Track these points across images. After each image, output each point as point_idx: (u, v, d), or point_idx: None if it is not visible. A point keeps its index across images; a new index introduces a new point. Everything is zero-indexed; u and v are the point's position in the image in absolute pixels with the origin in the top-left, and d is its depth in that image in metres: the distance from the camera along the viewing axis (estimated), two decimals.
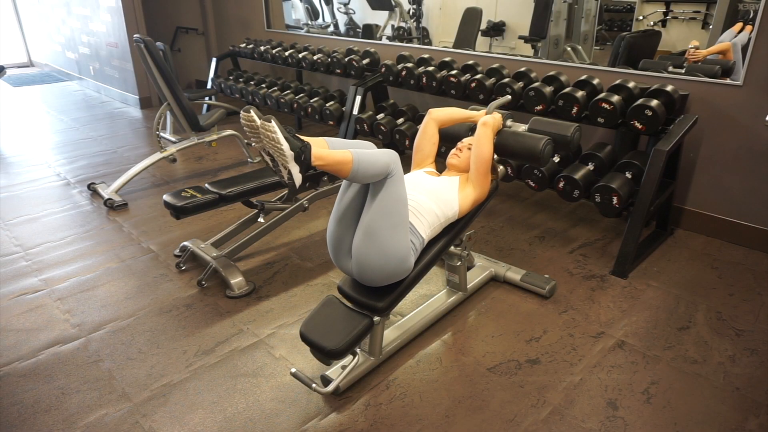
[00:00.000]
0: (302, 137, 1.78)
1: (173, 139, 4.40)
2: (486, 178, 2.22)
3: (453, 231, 2.19)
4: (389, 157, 1.84)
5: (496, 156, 2.40)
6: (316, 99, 4.78)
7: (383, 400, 2.00)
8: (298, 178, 1.75)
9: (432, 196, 2.11)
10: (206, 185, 2.81)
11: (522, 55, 4.24)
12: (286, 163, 1.72)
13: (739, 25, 3.08)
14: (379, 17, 5.54)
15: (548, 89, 3.29)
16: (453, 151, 2.36)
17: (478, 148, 2.20)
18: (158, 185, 4.12)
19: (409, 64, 4.14)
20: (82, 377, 2.14)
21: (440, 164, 2.42)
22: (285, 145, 1.70)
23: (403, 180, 1.89)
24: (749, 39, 2.80)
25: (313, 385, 1.92)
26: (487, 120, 2.23)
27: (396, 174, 1.85)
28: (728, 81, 2.96)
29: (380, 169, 1.80)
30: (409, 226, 1.94)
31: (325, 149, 1.81)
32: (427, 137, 2.39)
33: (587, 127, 3.26)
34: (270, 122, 1.70)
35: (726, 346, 2.28)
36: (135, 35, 3.78)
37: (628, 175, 2.96)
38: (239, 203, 2.91)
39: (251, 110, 1.72)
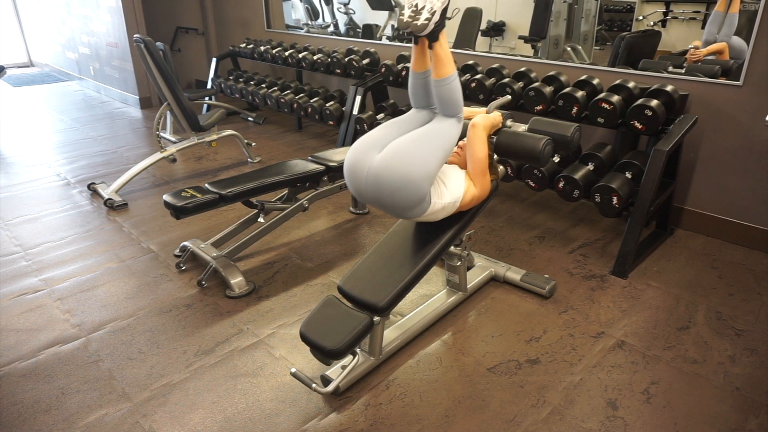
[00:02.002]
0: None
1: (173, 139, 4.40)
2: (484, 177, 2.22)
3: (453, 229, 2.19)
4: (462, 110, 2.03)
5: (495, 156, 2.40)
6: (316, 99, 4.78)
7: (383, 400, 2.00)
8: (432, 25, 1.83)
9: (443, 176, 2.13)
10: (206, 185, 2.80)
11: (522, 55, 4.24)
12: (436, 5, 1.82)
13: (723, 1, 3.06)
14: (379, 17, 5.54)
15: (548, 89, 3.29)
16: (454, 149, 2.36)
17: (471, 149, 2.20)
18: (158, 185, 4.12)
19: (409, 64, 4.13)
20: (82, 377, 2.14)
21: None
22: None
23: (459, 135, 2.01)
24: (748, 26, 2.79)
25: (313, 385, 1.92)
26: (477, 121, 2.22)
27: (461, 123, 2.01)
28: (728, 81, 2.96)
29: (459, 102, 1.97)
30: (441, 166, 2.00)
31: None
32: None
33: (587, 127, 3.26)
34: None
35: (726, 346, 2.28)
36: (135, 35, 3.78)
37: (628, 175, 2.96)
38: (239, 203, 2.91)
39: None
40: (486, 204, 2.35)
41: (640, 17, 3.89)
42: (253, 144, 4.74)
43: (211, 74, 6.04)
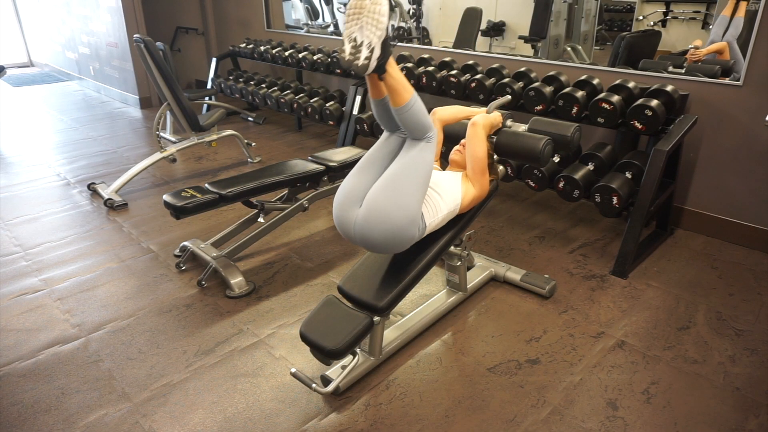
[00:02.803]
0: None
1: (173, 139, 4.40)
2: (484, 177, 2.22)
3: (453, 230, 2.19)
4: (433, 124, 1.92)
5: (495, 156, 2.40)
6: (316, 99, 4.78)
7: (383, 400, 2.00)
8: (374, 62, 1.73)
9: (436, 187, 2.11)
10: (206, 185, 2.80)
11: (522, 55, 4.24)
12: (374, 41, 1.71)
13: (730, 5, 3.05)
14: None
15: (548, 89, 3.29)
16: (456, 148, 2.36)
17: (470, 148, 2.21)
18: (158, 185, 4.12)
19: (409, 64, 4.14)
20: (82, 377, 2.14)
21: (442, 165, 2.42)
22: (386, 21, 1.70)
23: (434, 155, 1.93)
24: (749, 27, 2.79)
25: (313, 385, 1.92)
26: (477, 120, 2.22)
27: (432, 142, 1.91)
28: (728, 81, 2.96)
29: (427, 123, 1.88)
30: (424, 199, 1.96)
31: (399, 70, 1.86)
32: None
33: (587, 127, 3.26)
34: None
35: (726, 346, 2.28)
36: (135, 35, 3.78)
37: (628, 175, 2.96)
38: (239, 203, 2.91)
39: None
40: (486, 204, 2.35)
41: (640, 17, 3.89)
42: (253, 144, 4.74)
43: (211, 74, 6.04)
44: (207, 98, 5.43)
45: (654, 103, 2.88)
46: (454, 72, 3.80)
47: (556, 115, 3.25)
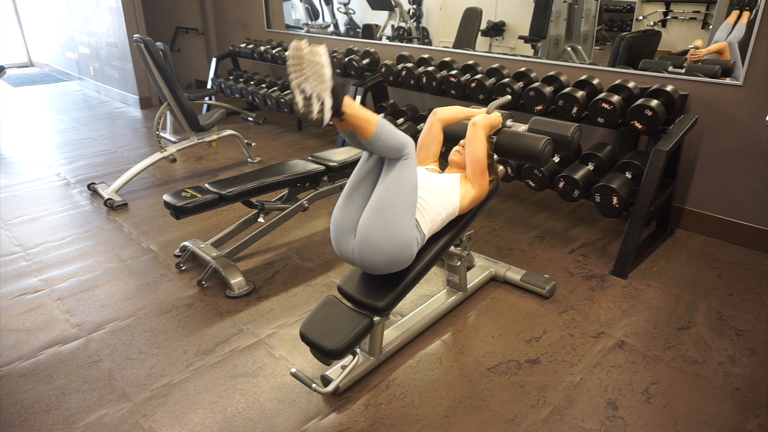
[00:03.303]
0: None
1: (173, 139, 4.40)
2: (483, 177, 2.22)
3: (453, 230, 2.19)
4: (408, 139, 1.88)
5: (495, 156, 2.40)
6: None
7: (383, 400, 2.00)
8: (328, 113, 1.70)
9: (434, 191, 2.11)
10: (206, 185, 2.80)
11: (522, 55, 4.24)
12: (323, 93, 1.68)
13: (734, 14, 3.06)
14: (379, 17, 5.54)
15: (548, 89, 3.29)
16: (455, 148, 2.36)
17: (470, 148, 2.21)
18: (158, 185, 4.12)
19: (409, 64, 4.14)
20: (82, 377, 2.14)
21: (441, 165, 2.42)
22: (328, 71, 1.67)
23: (416, 167, 1.92)
24: (750, 32, 2.79)
25: (313, 385, 1.92)
26: (477, 120, 2.22)
27: (411, 157, 1.88)
28: (728, 81, 2.96)
29: (399, 143, 1.84)
30: (415, 215, 1.95)
31: (357, 105, 1.81)
32: (432, 137, 2.39)
33: (587, 127, 3.27)
34: (319, 47, 1.68)
35: (726, 346, 2.28)
36: (135, 35, 3.78)
37: (628, 175, 2.96)
38: (239, 203, 2.91)
39: (303, 40, 1.70)
40: (486, 204, 2.35)
41: (640, 17, 3.89)
42: (253, 144, 4.75)
43: (211, 74, 6.04)
44: (207, 98, 5.43)
45: (654, 103, 2.88)
46: (454, 72, 3.80)
47: (556, 115, 3.25)
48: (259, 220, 2.94)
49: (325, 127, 5.50)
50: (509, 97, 2.69)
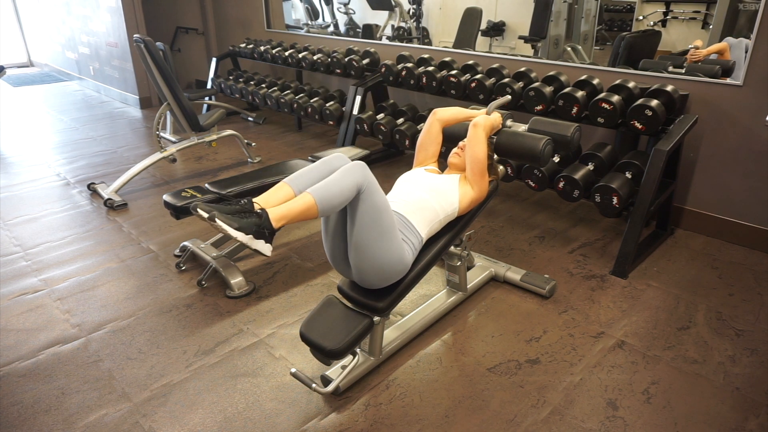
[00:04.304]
0: (256, 201, 1.77)
1: (173, 139, 4.40)
2: (483, 178, 2.22)
3: (453, 230, 2.19)
4: (354, 176, 1.79)
5: (495, 156, 2.40)
6: (316, 99, 4.78)
7: (383, 400, 2.00)
8: (267, 249, 1.72)
9: (432, 193, 2.11)
10: (206, 185, 2.80)
11: (522, 55, 4.24)
12: (251, 246, 1.69)
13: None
14: (379, 17, 5.54)
15: (548, 89, 3.29)
16: (454, 150, 2.36)
17: (471, 149, 2.21)
18: (158, 185, 4.12)
19: (409, 64, 4.14)
20: (82, 377, 2.14)
21: (441, 165, 2.42)
22: (239, 235, 1.66)
23: (377, 188, 1.86)
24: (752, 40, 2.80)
25: (313, 385, 1.92)
26: (478, 121, 2.22)
27: (367, 188, 1.82)
28: (728, 81, 2.96)
29: (348, 193, 1.78)
30: (397, 228, 1.94)
31: (285, 206, 1.75)
32: (431, 137, 2.39)
33: (587, 127, 3.27)
34: (214, 221, 1.64)
35: (726, 346, 2.28)
36: (135, 35, 3.78)
37: (628, 175, 2.96)
38: None
39: (198, 209, 1.67)
40: (486, 204, 2.35)
41: (640, 17, 3.89)
42: (253, 144, 4.75)
43: (211, 74, 6.04)
44: (207, 98, 5.43)
45: (654, 103, 2.88)
46: (454, 72, 3.80)
47: (556, 115, 3.25)
48: None
49: (325, 127, 5.51)
50: (509, 97, 2.69)
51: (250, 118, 5.83)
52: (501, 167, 2.48)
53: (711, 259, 2.97)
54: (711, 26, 3.45)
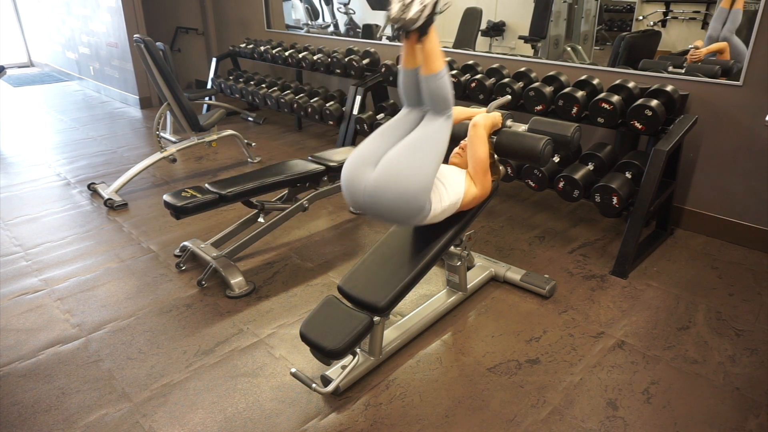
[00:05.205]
0: None
1: (173, 139, 4.40)
2: (485, 177, 2.22)
3: (453, 229, 2.19)
4: (451, 103, 1.97)
5: (496, 156, 2.40)
6: (316, 99, 4.78)
7: (383, 400, 2.00)
8: (424, 18, 1.79)
9: (442, 177, 2.12)
10: (206, 185, 2.80)
11: (522, 55, 4.24)
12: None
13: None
14: (379, 17, 5.53)
15: (548, 89, 3.29)
16: (455, 150, 2.36)
17: (471, 149, 2.21)
18: (158, 185, 4.12)
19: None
20: (82, 377, 2.14)
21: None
22: None
23: (449, 137, 1.97)
24: (747, 18, 2.79)
25: (313, 385, 1.92)
26: (478, 120, 2.22)
27: (450, 121, 1.97)
28: (728, 81, 2.96)
29: (449, 99, 1.94)
30: (437, 170, 1.97)
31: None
32: None
33: (587, 127, 3.26)
34: None
35: (726, 346, 2.28)
36: (135, 35, 3.78)
37: (628, 175, 2.96)
38: (239, 203, 2.90)
39: None
40: (486, 204, 2.35)
41: (640, 17, 3.88)
42: (253, 144, 4.75)
43: (211, 74, 6.04)
44: (207, 98, 5.43)
45: (654, 103, 2.88)
46: (454, 72, 3.80)
47: (556, 115, 3.25)
48: (259, 220, 2.94)
49: (325, 127, 5.51)
50: (509, 97, 2.69)
51: (250, 118, 5.83)
52: (502, 167, 2.48)
53: (711, 259, 2.96)
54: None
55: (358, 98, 4.35)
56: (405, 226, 2.23)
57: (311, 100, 4.77)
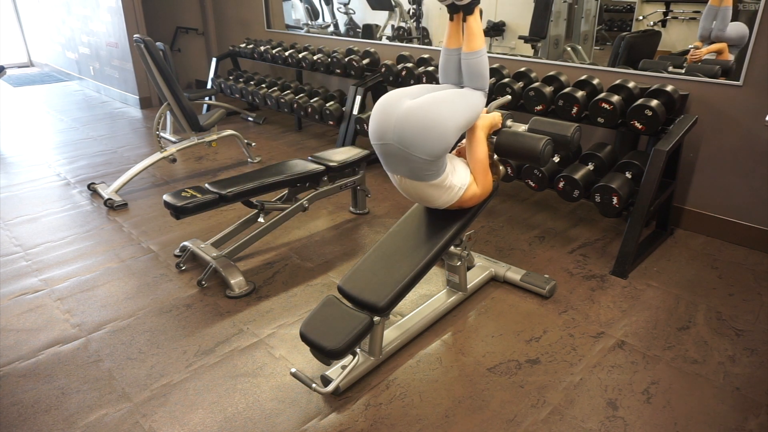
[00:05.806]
0: None
1: (173, 139, 4.40)
2: (486, 176, 2.22)
3: (454, 229, 2.19)
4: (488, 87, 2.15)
5: (496, 156, 2.40)
6: (316, 99, 4.78)
7: (383, 400, 2.00)
8: None
9: (450, 161, 2.15)
10: (206, 185, 2.81)
11: (522, 55, 4.24)
12: None
13: None
14: (379, 17, 5.53)
15: (548, 89, 3.29)
16: (454, 150, 2.36)
17: (470, 150, 2.21)
18: (158, 185, 4.12)
19: (409, 64, 4.14)
20: (82, 377, 2.14)
21: None
22: None
23: (481, 110, 2.14)
24: (737, 15, 2.79)
25: (313, 385, 1.92)
26: (476, 122, 2.23)
27: (485, 100, 2.14)
28: (728, 81, 2.96)
29: (487, 77, 2.12)
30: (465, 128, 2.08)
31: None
32: None
33: (587, 127, 3.26)
34: None
35: (726, 346, 2.28)
36: (135, 35, 3.78)
37: (628, 175, 2.96)
38: (239, 203, 2.91)
39: None
40: (486, 204, 2.35)
41: (640, 17, 3.88)
42: (253, 144, 4.75)
43: (211, 74, 6.04)
44: (207, 98, 5.43)
45: (654, 103, 2.88)
46: None
47: (556, 115, 3.25)
48: (259, 220, 2.94)
49: (325, 127, 5.51)
50: (509, 97, 2.69)
51: (250, 118, 5.83)
52: (501, 167, 2.48)
53: (711, 259, 2.96)
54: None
55: (358, 98, 4.35)
56: (409, 193, 2.18)
57: (311, 100, 4.77)
